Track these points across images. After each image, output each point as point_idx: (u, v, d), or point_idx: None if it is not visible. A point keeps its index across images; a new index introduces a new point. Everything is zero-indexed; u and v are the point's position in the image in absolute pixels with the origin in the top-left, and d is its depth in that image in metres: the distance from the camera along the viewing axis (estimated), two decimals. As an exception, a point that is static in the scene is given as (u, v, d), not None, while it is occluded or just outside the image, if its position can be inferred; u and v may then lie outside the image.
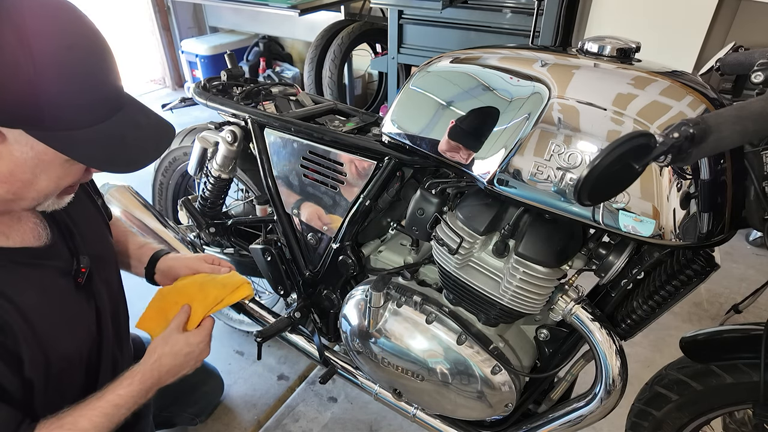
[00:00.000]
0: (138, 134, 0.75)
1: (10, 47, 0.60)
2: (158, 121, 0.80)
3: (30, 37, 0.61)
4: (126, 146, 0.74)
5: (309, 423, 1.66)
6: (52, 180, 0.73)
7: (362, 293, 1.22)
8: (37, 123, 0.65)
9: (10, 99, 0.62)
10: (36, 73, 0.61)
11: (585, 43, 0.90)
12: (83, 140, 0.68)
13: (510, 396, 1.09)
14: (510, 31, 2.51)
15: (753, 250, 2.43)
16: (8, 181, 0.69)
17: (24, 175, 0.69)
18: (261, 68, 4.03)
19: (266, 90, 1.52)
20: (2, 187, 0.70)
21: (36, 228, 0.85)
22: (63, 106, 0.65)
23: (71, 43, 0.65)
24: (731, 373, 0.95)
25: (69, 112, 0.66)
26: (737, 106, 0.60)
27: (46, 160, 0.69)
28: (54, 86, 0.63)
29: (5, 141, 0.65)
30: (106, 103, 0.71)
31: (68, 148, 0.68)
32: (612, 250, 0.97)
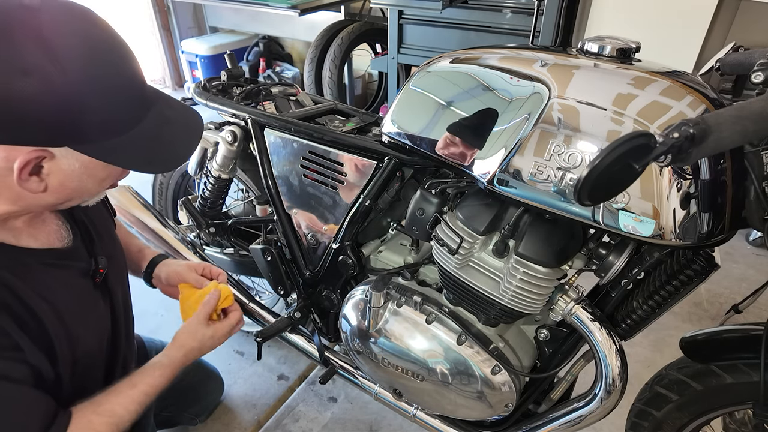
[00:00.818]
0: (171, 130, 0.77)
1: (41, 68, 0.60)
2: (184, 111, 0.81)
3: (58, 53, 0.61)
4: (162, 145, 0.76)
5: (309, 423, 1.66)
6: (97, 183, 0.76)
7: (362, 293, 1.22)
8: (79, 138, 0.67)
9: (50, 119, 0.63)
10: (70, 90, 0.62)
11: (585, 43, 0.90)
12: (123, 146, 0.71)
13: (510, 396, 1.09)
14: (510, 31, 2.51)
15: (753, 250, 2.43)
16: (59, 191, 0.72)
17: (72, 184, 0.72)
18: (261, 68, 4.03)
19: (266, 90, 1.52)
20: (53, 197, 0.73)
21: (59, 230, 0.88)
22: (100, 117, 0.67)
23: (96, 51, 0.66)
24: (731, 373, 0.95)
25: (107, 122, 0.68)
26: (737, 106, 0.60)
27: (91, 167, 0.72)
28: (89, 99, 0.65)
29: (54, 158, 0.67)
30: (138, 105, 0.73)
31: (111, 157, 0.71)
32: (612, 250, 0.97)
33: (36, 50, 0.60)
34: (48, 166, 0.68)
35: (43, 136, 0.64)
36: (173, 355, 0.99)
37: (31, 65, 0.60)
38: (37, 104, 0.61)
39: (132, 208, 1.56)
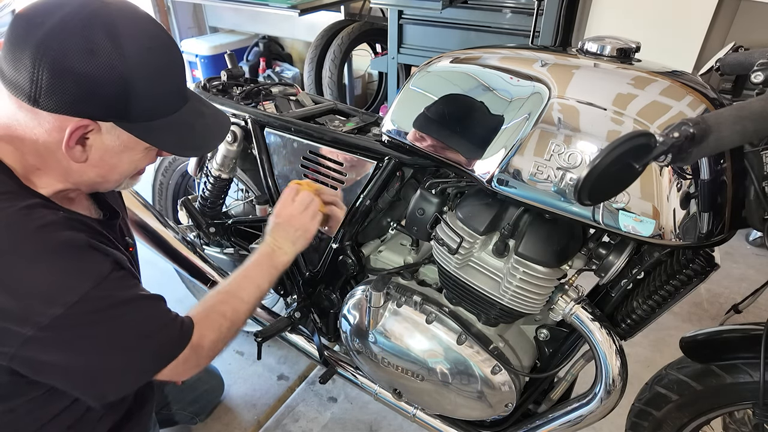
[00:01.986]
0: (203, 122, 0.86)
1: (106, 51, 0.69)
2: (216, 110, 0.92)
3: (122, 41, 0.70)
4: (195, 133, 0.85)
5: (309, 423, 1.66)
6: (133, 163, 0.83)
7: (362, 293, 1.22)
8: (126, 116, 0.75)
9: (106, 96, 0.71)
10: (127, 73, 0.71)
11: (585, 43, 0.90)
12: (161, 129, 0.79)
13: (510, 396, 1.09)
14: (510, 31, 2.51)
15: (753, 250, 2.43)
16: (99, 165, 0.80)
17: (111, 159, 0.80)
18: (261, 68, 4.03)
19: (266, 90, 1.52)
20: (94, 171, 0.80)
21: (93, 207, 0.96)
22: (147, 100, 0.75)
23: (152, 44, 0.75)
24: (731, 373, 0.95)
25: (151, 106, 0.77)
26: (737, 106, 0.60)
27: (130, 146, 0.80)
28: (140, 83, 0.73)
29: (99, 132, 0.75)
30: (178, 95, 0.82)
31: (150, 137, 0.79)
32: (612, 250, 0.97)
33: (104, 36, 0.69)
34: (93, 138, 0.76)
35: (96, 111, 0.72)
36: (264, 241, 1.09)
37: (98, 47, 0.69)
38: (98, 81, 0.70)
39: (132, 207, 1.56)
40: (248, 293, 1.01)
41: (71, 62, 0.68)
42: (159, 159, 1.78)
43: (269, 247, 1.08)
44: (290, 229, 1.09)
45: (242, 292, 1.01)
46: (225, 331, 0.95)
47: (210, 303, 0.97)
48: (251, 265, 1.05)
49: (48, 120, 0.72)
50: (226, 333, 0.96)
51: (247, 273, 1.04)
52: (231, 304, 0.98)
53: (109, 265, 0.79)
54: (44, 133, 0.73)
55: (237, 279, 1.03)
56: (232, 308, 0.98)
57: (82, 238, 0.77)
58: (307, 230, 1.10)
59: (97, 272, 0.76)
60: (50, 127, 0.73)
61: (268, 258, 1.07)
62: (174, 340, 0.86)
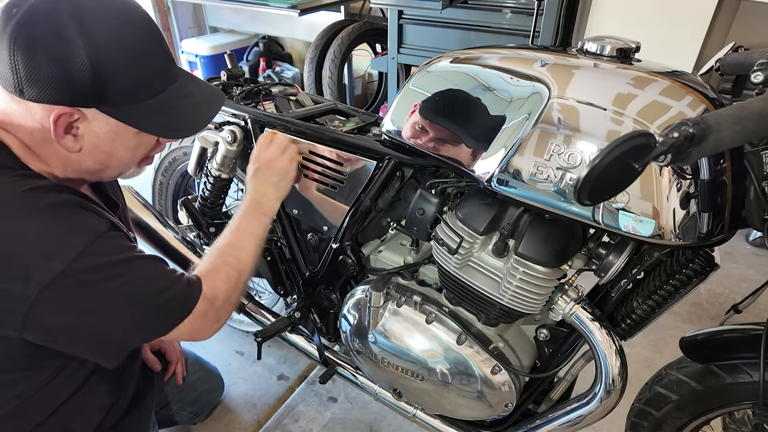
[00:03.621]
0: (190, 101, 0.85)
1: (71, 33, 0.68)
2: (207, 89, 0.91)
3: (87, 21, 0.69)
4: (181, 113, 0.84)
5: (309, 423, 1.66)
6: (128, 150, 0.83)
7: (362, 293, 1.22)
8: (105, 100, 0.74)
9: (79, 80, 0.70)
10: (95, 54, 0.70)
11: (585, 43, 0.90)
12: (144, 112, 0.78)
13: (510, 396, 1.09)
14: (510, 31, 2.51)
15: (753, 250, 2.43)
16: (94, 153, 0.80)
17: (105, 147, 0.79)
18: (261, 68, 4.03)
19: (266, 90, 1.52)
20: (90, 159, 0.80)
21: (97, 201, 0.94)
22: (124, 81, 0.74)
23: (123, 22, 0.73)
24: (731, 373, 0.95)
25: (130, 87, 0.75)
26: (737, 106, 0.60)
27: (120, 132, 0.79)
28: (113, 64, 0.72)
29: (86, 119, 0.75)
30: (161, 75, 0.80)
31: (133, 120, 0.78)
32: (612, 250, 0.96)
33: (69, 17, 0.68)
34: (82, 127, 0.76)
35: (74, 97, 0.71)
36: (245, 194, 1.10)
37: (64, 30, 0.68)
38: (68, 65, 0.69)
39: (132, 207, 1.56)
40: (246, 242, 1.02)
41: (41, 48, 0.68)
42: (158, 159, 1.78)
43: (253, 195, 1.08)
44: (271, 173, 1.10)
45: (240, 242, 1.01)
46: (235, 279, 0.96)
47: (211, 259, 0.97)
48: (240, 218, 1.05)
49: (36, 110, 0.72)
50: (236, 281, 0.96)
51: (239, 225, 1.04)
52: (233, 254, 0.99)
53: (104, 224, 0.79)
54: (36, 124, 0.73)
55: (230, 233, 1.03)
56: (235, 258, 0.98)
57: (74, 199, 0.78)
58: (288, 172, 1.11)
59: (93, 229, 0.76)
60: (39, 117, 0.73)
61: (254, 206, 1.07)
62: (182, 296, 0.85)
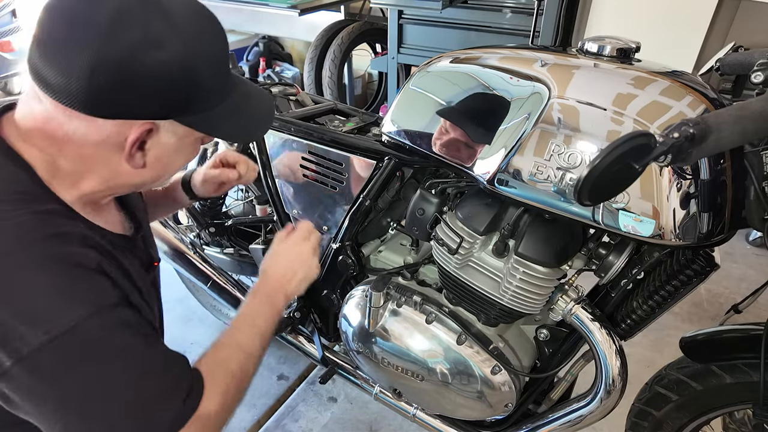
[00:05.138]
0: (253, 103, 0.80)
1: (168, 38, 0.61)
2: (259, 89, 0.84)
3: (175, 19, 0.62)
4: (248, 116, 0.78)
5: (309, 423, 1.66)
6: (185, 158, 0.77)
7: (362, 293, 1.22)
8: (185, 109, 0.67)
9: (172, 90, 0.64)
10: (191, 61, 0.64)
11: (585, 43, 0.90)
12: (219, 117, 0.72)
13: (510, 396, 1.09)
14: (510, 31, 2.51)
15: (753, 250, 2.43)
16: (155, 167, 0.72)
17: (167, 159, 0.73)
18: (261, 68, 4.03)
19: (266, 90, 1.52)
20: (148, 173, 0.73)
21: (122, 221, 0.86)
22: (206, 88, 0.68)
23: (206, 24, 0.67)
24: (731, 373, 0.95)
25: (209, 93, 0.69)
26: (737, 106, 0.60)
27: (186, 142, 0.73)
28: (202, 70, 0.66)
29: (158, 132, 0.68)
30: (228, 80, 0.74)
31: (209, 128, 0.72)
32: (612, 250, 0.97)
33: (161, 22, 0.61)
34: (151, 141, 0.68)
35: (158, 109, 0.65)
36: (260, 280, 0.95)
37: (161, 36, 0.60)
38: (169, 76, 0.62)
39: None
40: (254, 345, 0.85)
41: (139, 61, 0.59)
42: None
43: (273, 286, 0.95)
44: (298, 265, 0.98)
45: (249, 346, 0.84)
46: (233, 396, 0.79)
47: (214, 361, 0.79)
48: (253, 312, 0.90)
49: (104, 127, 0.63)
50: (234, 398, 0.80)
51: (252, 322, 0.88)
52: (238, 361, 0.81)
53: (113, 297, 0.67)
54: (98, 140, 0.65)
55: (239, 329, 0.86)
56: (240, 366, 0.81)
57: (92, 258, 0.66)
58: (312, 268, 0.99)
59: (97, 301, 0.64)
60: (107, 134, 0.64)
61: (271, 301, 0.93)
62: (175, 410, 0.68)
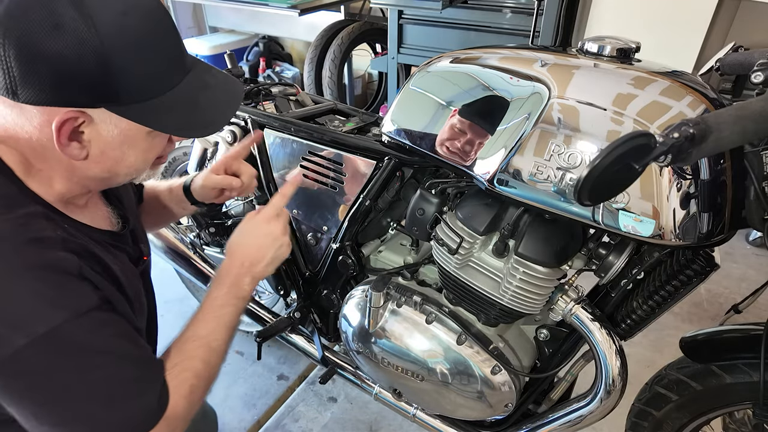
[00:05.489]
0: (209, 94, 0.75)
1: (73, 22, 0.59)
2: (225, 78, 0.80)
3: (90, 8, 0.60)
4: (200, 109, 0.74)
5: (309, 423, 1.66)
6: (140, 154, 0.74)
7: (362, 293, 1.22)
8: (114, 98, 0.65)
9: (85, 77, 0.62)
10: (102, 46, 0.61)
11: (585, 43, 0.90)
12: (159, 109, 0.69)
13: (510, 396, 1.09)
14: (510, 31, 2.51)
15: (753, 250, 2.43)
16: (101, 160, 0.71)
17: (113, 152, 0.70)
18: (261, 68, 4.03)
19: (266, 90, 1.52)
20: (97, 167, 0.71)
21: (109, 216, 0.86)
22: (135, 76, 0.65)
23: (128, 9, 0.64)
24: (731, 373, 0.95)
25: (141, 82, 0.66)
26: (737, 106, 0.60)
27: (131, 135, 0.70)
28: (122, 56, 0.63)
29: (92, 122, 0.66)
30: (174, 67, 0.71)
31: (147, 119, 0.69)
32: (612, 250, 0.97)
33: (68, 4, 0.59)
34: (88, 131, 0.67)
35: (80, 97, 0.63)
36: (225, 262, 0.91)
37: (64, 19, 0.59)
38: (71, 61, 0.60)
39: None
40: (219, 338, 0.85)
41: (37, 42, 0.58)
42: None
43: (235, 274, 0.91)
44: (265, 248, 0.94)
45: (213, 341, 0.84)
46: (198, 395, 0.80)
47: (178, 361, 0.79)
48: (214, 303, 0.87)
49: (34, 114, 0.64)
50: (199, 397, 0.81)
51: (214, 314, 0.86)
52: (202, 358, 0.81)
53: (93, 301, 0.68)
54: (35, 130, 0.65)
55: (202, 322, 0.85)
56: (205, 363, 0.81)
57: (72, 262, 0.67)
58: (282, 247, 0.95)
59: (76, 305, 0.65)
60: (39, 123, 0.64)
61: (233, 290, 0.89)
62: (145, 412, 0.71)
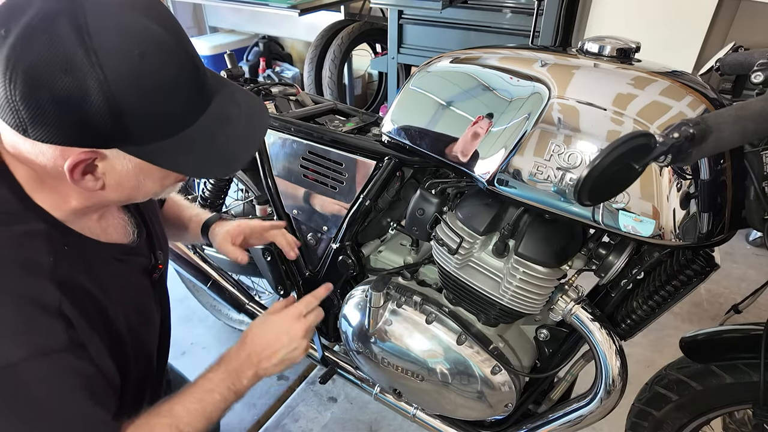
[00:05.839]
0: (230, 130, 0.71)
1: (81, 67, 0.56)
2: (251, 106, 0.75)
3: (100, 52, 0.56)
4: (219, 146, 0.70)
5: (309, 423, 1.66)
6: (157, 182, 0.71)
7: (362, 293, 1.22)
8: (128, 139, 0.62)
9: (94, 123, 0.59)
10: (113, 93, 0.58)
11: (585, 43, 0.90)
12: (173, 149, 0.66)
13: (510, 396, 1.09)
14: (510, 31, 2.51)
15: (753, 250, 2.43)
16: (118, 190, 0.69)
17: (130, 183, 0.69)
18: (261, 68, 4.03)
19: (266, 90, 1.52)
20: (115, 194, 0.70)
21: (125, 225, 0.85)
22: (147, 120, 0.62)
23: (145, 51, 0.59)
24: (731, 373, 0.95)
25: (155, 125, 0.63)
26: (737, 106, 0.60)
27: (146, 168, 0.67)
28: (134, 103, 0.60)
29: (106, 158, 0.64)
30: (192, 103, 0.67)
31: (162, 160, 0.66)
32: (612, 250, 0.97)
33: (76, 44, 0.55)
34: (102, 165, 0.65)
35: (92, 138, 0.61)
36: (236, 346, 0.87)
37: (71, 61, 0.55)
38: (79, 104, 0.57)
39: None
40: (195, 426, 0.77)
41: (43, 84, 0.55)
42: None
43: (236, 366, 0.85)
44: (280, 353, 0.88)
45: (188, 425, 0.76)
46: None
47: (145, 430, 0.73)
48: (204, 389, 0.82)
49: (47, 150, 0.61)
50: None
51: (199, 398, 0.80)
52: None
53: (60, 342, 0.63)
54: (49, 162, 0.62)
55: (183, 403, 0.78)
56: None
57: (52, 295, 0.64)
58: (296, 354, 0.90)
59: (41, 344, 0.61)
60: (52, 157, 0.62)
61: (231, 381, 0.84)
62: None
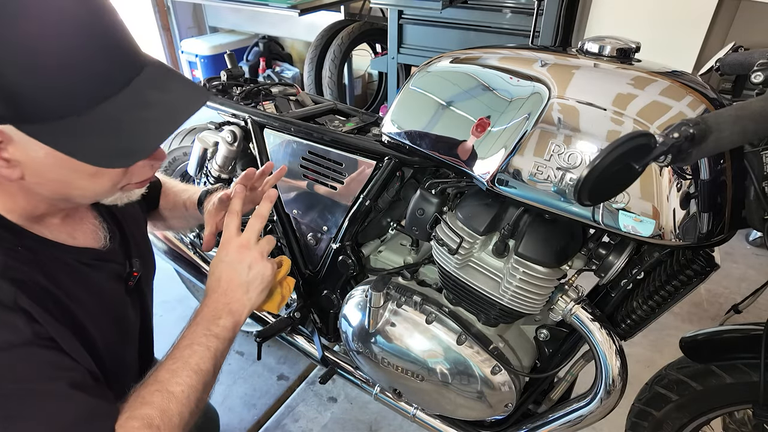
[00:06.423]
0: (144, 115, 0.61)
1: None
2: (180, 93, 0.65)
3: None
4: (126, 135, 0.60)
5: (309, 423, 1.66)
6: (87, 179, 0.63)
7: (362, 293, 1.22)
8: (19, 116, 0.54)
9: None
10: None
11: (585, 43, 0.90)
12: (73, 131, 0.57)
13: (510, 396, 1.09)
14: (510, 31, 2.51)
15: (753, 250, 2.43)
16: (43, 182, 0.62)
17: (53, 175, 0.61)
18: (261, 68, 4.03)
19: (266, 90, 1.52)
20: (44, 189, 0.63)
21: (96, 230, 0.81)
22: (37, 92, 0.54)
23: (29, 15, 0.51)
24: (731, 373, 0.95)
25: (44, 102, 0.54)
26: (737, 106, 0.60)
27: (66, 162, 0.59)
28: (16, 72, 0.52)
29: (12, 141, 0.56)
30: (92, 82, 0.57)
31: (59, 143, 0.57)
32: (612, 250, 0.97)
33: None
34: (11, 149, 0.57)
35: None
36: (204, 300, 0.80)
37: None
38: None
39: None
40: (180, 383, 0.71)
41: None
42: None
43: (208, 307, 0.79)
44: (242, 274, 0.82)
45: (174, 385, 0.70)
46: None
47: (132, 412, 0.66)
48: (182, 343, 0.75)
49: None
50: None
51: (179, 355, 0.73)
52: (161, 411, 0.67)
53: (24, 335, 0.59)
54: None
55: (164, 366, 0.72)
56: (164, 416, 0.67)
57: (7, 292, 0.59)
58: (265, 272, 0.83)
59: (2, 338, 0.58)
60: None
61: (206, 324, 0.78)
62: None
